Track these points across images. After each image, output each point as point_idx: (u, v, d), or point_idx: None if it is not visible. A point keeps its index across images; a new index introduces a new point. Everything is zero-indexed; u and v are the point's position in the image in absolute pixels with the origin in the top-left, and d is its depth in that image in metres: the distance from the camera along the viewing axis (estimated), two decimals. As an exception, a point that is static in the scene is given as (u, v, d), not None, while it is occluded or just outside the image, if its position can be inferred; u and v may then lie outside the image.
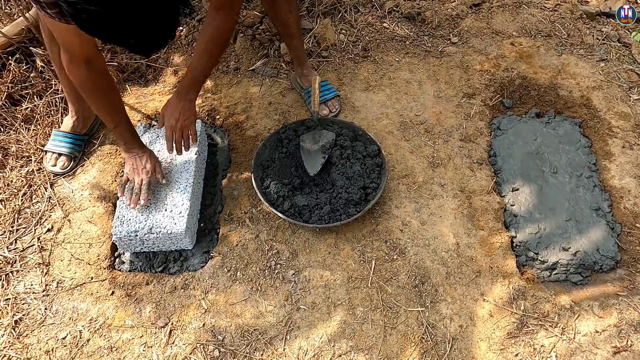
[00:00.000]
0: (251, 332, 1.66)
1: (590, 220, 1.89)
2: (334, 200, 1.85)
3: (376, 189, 1.88)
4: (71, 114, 2.11)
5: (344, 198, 1.84)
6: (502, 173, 2.06)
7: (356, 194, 1.84)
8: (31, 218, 1.94)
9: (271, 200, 1.88)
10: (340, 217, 1.81)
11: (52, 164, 2.05)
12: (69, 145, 2.07)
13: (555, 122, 2.22)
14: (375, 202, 1.84)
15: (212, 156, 2.13)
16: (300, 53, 2.20)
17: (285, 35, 2.14)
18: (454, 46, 2.51)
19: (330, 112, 2.20)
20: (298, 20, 2.08)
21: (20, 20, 2.26)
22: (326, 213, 1.81)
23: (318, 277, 1.77)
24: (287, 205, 1.85)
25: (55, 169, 2.05)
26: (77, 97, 2.04)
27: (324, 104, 2.20)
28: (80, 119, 2.11)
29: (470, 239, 1.86)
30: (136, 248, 1.81)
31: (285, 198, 1.87)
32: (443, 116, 2.22)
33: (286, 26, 2.05)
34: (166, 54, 2.50)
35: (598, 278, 1.78)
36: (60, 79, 2.04)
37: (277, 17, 2.03)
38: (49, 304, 1.73)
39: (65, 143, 2.07)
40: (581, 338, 1.63)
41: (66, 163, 2.06)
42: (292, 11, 2.01)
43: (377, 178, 1.92)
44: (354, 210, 1.82)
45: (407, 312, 1.69)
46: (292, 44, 2.16)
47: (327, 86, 2.24)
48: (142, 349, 1.63)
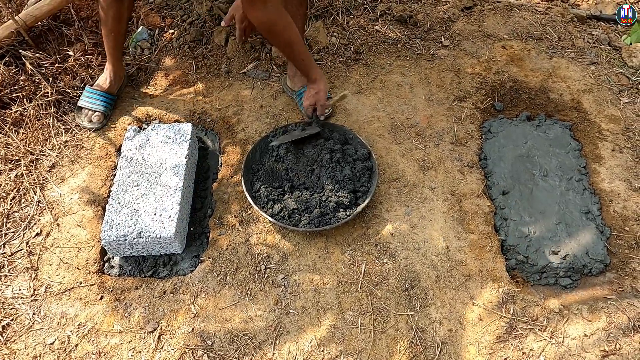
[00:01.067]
0: (240, 336, 1.65)
1: (580, 224, 1.90)
2: (324, 204, 1.85)
3: (366, 192, 1.88)
4: (109, 73, 2.24)
5: (334, 202, 1.84)
6: (493, 176, 2.07)
7: (346, 197, 1.84)
8: (20, 222, 1.93)
9: (261, 204, 1.87)
10: (330, 221, 1.81)
11: (87, 119, 2.19)
12: (104, 104, 2.21)
13: (546, 125, 2.22)
14: (365, 205, 1.84)
15: (203, 159, 2.13)
16: None
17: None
18: (445, 49, 2.52)
19: (322, 114, 2.19)
20: (303, 23, 2.12)
21: (9, 23, 2.25)
22: (316, 217, 1.81)
23: (308, 281, 1.76)
24: (276, 208, 1.85)
25: (90, 125, 2.19)
26: (117, 57, 2.22)
27: None
28: (116, 78, 2.25)
29: (460, 242, 1.86)
30: (125, 252, 1.81)
31: (275, 201, 1.87)
32: (434, 119, 2.22)
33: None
34: (157, 56, 2.50)
35: (587, 281, 1.79)
36: (106, 38, 2.15)
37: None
38: (37, 308, 1.72)
39: (101, 101, 2.20)
40: (570, 342, 1.63)
41: (102, 118, 2.20)
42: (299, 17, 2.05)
43: (368, 182, 1.92)
44: (344, 215, 1.82)
45: (396, 316, 1.69)
46: None
47: None
48: (131, 354, 1.62)
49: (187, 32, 2.54)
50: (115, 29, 2.09)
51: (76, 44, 2.42)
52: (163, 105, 2.30)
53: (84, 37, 2.45)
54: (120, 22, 2.09)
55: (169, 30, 2.58)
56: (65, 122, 2.23)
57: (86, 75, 2.34)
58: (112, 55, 2.20)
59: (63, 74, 2.32)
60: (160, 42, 2.55)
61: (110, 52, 2.18)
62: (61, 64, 2.33)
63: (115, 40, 2.14)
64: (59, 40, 2.43)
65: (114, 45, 2.16)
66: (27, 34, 2.30)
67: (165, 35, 2.57)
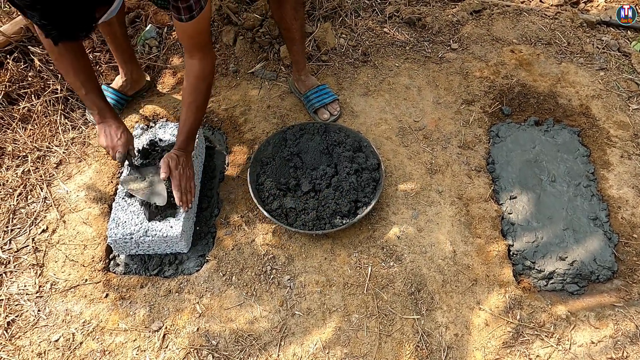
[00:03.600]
0: (245, 337, 1.65)
1: (587, 230, 1.89)
2: (322, 208, 1.84)
3: (367, 204, 1.86)
4: (121, 74, 2.22)
5: (332, 208, 1.83)
6: (500, 181, 2.06)
7: (345, 206, 1.83)
8: (26, 218, 1.93)
9: (262, 197, 1.87)
10: (324, 227, 1.80)
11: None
12: (114, 102, 2.18)
13: (554, 131, 2.21)
14: (362, 217, 1.82)
15: (210, 159, 2.12)
16: (300, 58, 2.19)
17: (287, 38, 2.14)
18: (454, 52, 2.51)
19: (332, 115, 2.19)
20: (302, 27, 2.09)
21: (19, 19, 2.25)
22: (311, 219, 1.80)
23: (314, 282, 1.76)
24: (275, 205, 1.84)
25: None
26: (125, 60, 2.17)
27: (324, 107, 2.19)
28: (129, 81, 2.23)
29: (467, 246, 1.85)
30: (131, 250, 1.80)
31: (276, 198, 1.87)
32: (442, 122, 2.21)
33: (289, 30, 2.06)
34: (165, 55, 2.50)
35: (595, 288, 1.78)
36: (109, 44, 2.12)
37: (282, 20, 2.03)
38: (42, 305, 1.72)
39: (111, 99, 2.17)
40: (577, 349, 1.62)
41: None
42: (298, 18, 2.02)
43: (371, 193, 1.90)
44: (340, 222, 1.81)
45: (402, 319, 1.68)
46: (293, 48, 2.16)
47: (325, 90, 2.23)
48: (135, 353, 1.62)
49: (196, 31, 2.53)
50: (115, 38, 2.07)
51: (84, 41, 2.42)
52: (170, 103, 2.30)
53: (92, 35, 2.45)
54: (117, 34, 2.06)
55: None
56: (72, 119, 2.23)
57: (94, 72, 2.34)
58: (118, 57, 2.17)
59: (71, 70, 2.32)
60: (168, 40, 2.55)
61: (115, 54, 2.17)
62: (69, 60, 2.33)
63: (115, 44, 2.10)
64: (67, 37, 2.43)
65: (115, 49, 2.13)
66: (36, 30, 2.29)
67: (173, 33, 2.57)
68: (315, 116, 2.20)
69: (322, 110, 2.19)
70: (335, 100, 2.22)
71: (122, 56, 2.15)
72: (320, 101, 2.18)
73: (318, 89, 2.22)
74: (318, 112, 2.19)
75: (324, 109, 2.20)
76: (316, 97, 2.20)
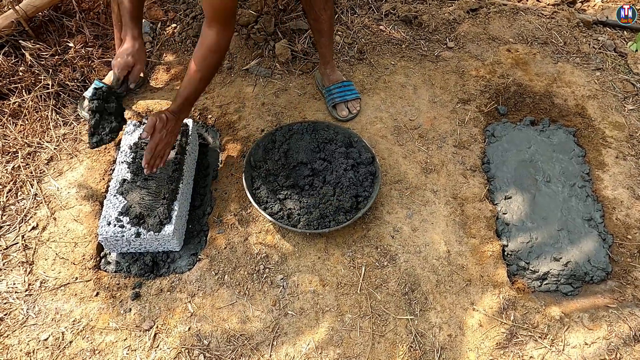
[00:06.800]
0: (237, 337, 1.63)
1: (582, 231, 1.88)
2: (324, 206, 1.82)
3: (368, 197, 1.85)
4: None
5: (335, 205, 1.81)
6: (495, 181, 2.05)
7: (347, 202, 1.82)
8: (16, 215, 1.90)
9: (261, 201, 1.85)
10: (329, 224, 1.79)
11: (86, 110, 2.08)
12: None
13: (550, 131, 2.21)
14: (365, 210, 1.81)
15: (203, 156, 2.10)
16: (327, 51, 2.17)
17: (314, 30, 2.12)
18: (450, 51, 2.49)
19: (350, 113, 2.17)
20: (331, 18, 2.06)
21: (9, 13, 2.21)
22: (315, 218, 1.79)
23: (307, 282, 1.74)
24: (276, 207, 1.83)
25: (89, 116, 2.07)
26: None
27: (344, 104, 2.17)
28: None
29: (462, 247, 1.84)
30: (122, 249, 1.78)
31: (275, 200, 1.85)
32: (437, 121, 2.20)
33: (317, 21, 2.03)
34: (159, 50, 2.47)
35: (588, 289, 1.77)
36: (116, 35, 2.08)
37: (311, 10, 2.00)
38: (32, 304, 1.70)
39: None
40: (570, 350, 1.62)
41: None
42: (327, 9, 1.99)
43: (370, 187, 1.89)
44: (344, 218, 1.79)
45: (396, 320, 1.67)
46: (320, 41, 2.14)
47: (350, 87, 2.21)
48: (126, 352, 1.60)
49: (190, 27, 2.51)
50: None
51: (77, 36, 2.39)
52: (164, 100, 2.27)
53: (85, 29, 2.42)
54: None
55: (171, 24, 2.55)
56: (64, 115, 2.20)
57: (86, 67, 2.31)
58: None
59: (63, 66, 2.29)
60: (162, 36, 2.52)
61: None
62: (61, 55, 2.30)
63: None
64: (59, 31, 2.40)
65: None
66: (28, 24, 2.26)
67: (168, 29, 2.54)
68: (334, 111, 2.18)
69: (341, 106, 2.17)
70: (357, 98, 2.20)
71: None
72: (341, 96, 2.16)
73: (342, 84, 2.20)
74: (337, 107, 2.17)
75: (344, 105, 2.17)
76: (339, 92, 2.18)
